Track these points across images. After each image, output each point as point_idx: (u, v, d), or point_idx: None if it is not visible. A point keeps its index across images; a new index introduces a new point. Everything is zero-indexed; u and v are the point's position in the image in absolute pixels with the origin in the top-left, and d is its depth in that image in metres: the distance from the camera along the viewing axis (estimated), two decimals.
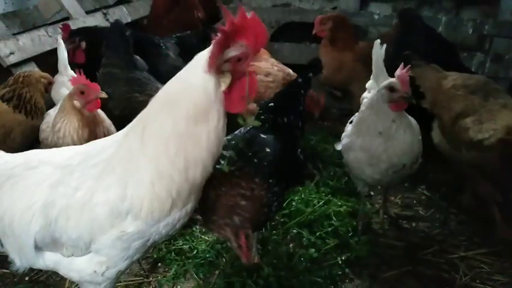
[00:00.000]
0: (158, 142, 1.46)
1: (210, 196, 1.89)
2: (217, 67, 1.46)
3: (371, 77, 2.84)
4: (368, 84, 2.88)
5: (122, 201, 1.48)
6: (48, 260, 1.68)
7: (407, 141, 2.36)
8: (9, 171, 1.66)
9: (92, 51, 3.13)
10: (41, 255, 1.67)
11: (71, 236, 1.55)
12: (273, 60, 3.68)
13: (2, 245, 1.72)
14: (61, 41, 2.85)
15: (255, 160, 2.02)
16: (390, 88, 2.27)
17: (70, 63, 2.93)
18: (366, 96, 2.84)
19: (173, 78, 1.56)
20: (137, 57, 2.98)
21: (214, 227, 1.97)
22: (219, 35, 1.44)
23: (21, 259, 1.68)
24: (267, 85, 3.36)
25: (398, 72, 2.31)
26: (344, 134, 2.68)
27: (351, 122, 2.66)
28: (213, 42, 1.46)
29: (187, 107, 1.45)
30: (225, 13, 1.46)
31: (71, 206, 1.54)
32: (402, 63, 2.35)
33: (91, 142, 1.75)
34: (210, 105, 1.45)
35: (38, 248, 1.63)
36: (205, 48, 1.51)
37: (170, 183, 1.46)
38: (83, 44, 3.24)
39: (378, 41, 2.71)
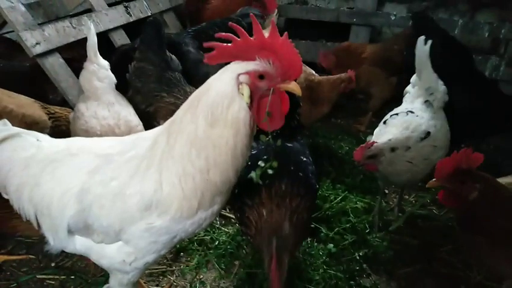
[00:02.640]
0: (183, 143, 1.51)
1: (257, 212, 1.86)
2: (237, 75, 1.46)
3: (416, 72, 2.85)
4: (412, 79, 2.89)
5: (153, 196, 1.53)
6: (80, 245, 1.74)
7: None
8: (53, 155, 1.71)
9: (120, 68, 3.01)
10: (73, 239, 1.73)
11: (102, 223, 1.61)
12: None
13: (39, 225, 1.77)
14: (92, 26, 2.73)
15: (300, 174, 1.95)
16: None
17: None
18: (409, 90, 2.87)
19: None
20: (173, 56, 2.98)
21: (252, 240, 1.91)
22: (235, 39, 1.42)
23: (55, 240, 1.73)
24: None
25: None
26: (376, 130, 2.71)
27: (384, 122, 2.68)
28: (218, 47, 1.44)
29: (204, 109, 1.47)
30: (255, 24, 1.43)
31: (105, 195, 1.60)
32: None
33: (132, 134, 1.80)
34: (227, 110, 1.45)
35: (70, 232, 1.69)
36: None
37: (193, 184, 1.51)
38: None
39: (423, 37, 2.70)
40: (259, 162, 1.85)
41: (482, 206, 1.85)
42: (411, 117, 2.59)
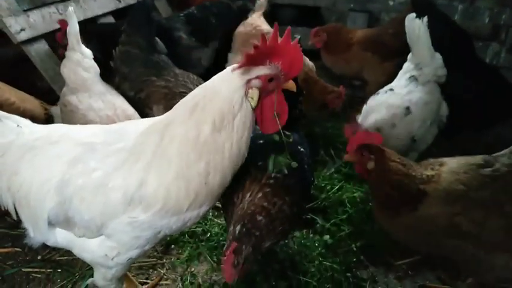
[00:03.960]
0: (182, 146, 1.47)
1: (237, 196, 1.78)
2: (247, 81, 1.49)
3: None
4: (408, 56, 2.91)
5: (137, 192, 1.48)
6: (61, 238, 1.68)
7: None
8: (32, 142, 1.64)
9: (105, 49, 2.91)
10: (54, 232, 1.67)
11: (83, 217, 1.55)
12: None
13: (17, 215, 1.70)
14: (72, 11, 2.53)
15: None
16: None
17: None
18: (405, 66, 2.91)
19: (203, 84, 1.58)
20: (158, 39, 2.88)
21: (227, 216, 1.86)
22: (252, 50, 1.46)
23: (35, 232, 1.67)
24: None
25: None
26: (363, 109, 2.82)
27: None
28: (245, 54, 1.47)
29: (213, 115, 1.47)
30: (275, 31, 1.50)
31: (86, 187, 1.53)
32: None
33: (118, 123, 1.73)
34: (235, 116, 1.48)
35: (51, 224, 1.62)
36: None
37: (188, 186, 1.47)
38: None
39: (413, 14, 2.68)
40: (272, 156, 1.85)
41: (376, 174, 2.08)
42: (388, 95, 2.69)
